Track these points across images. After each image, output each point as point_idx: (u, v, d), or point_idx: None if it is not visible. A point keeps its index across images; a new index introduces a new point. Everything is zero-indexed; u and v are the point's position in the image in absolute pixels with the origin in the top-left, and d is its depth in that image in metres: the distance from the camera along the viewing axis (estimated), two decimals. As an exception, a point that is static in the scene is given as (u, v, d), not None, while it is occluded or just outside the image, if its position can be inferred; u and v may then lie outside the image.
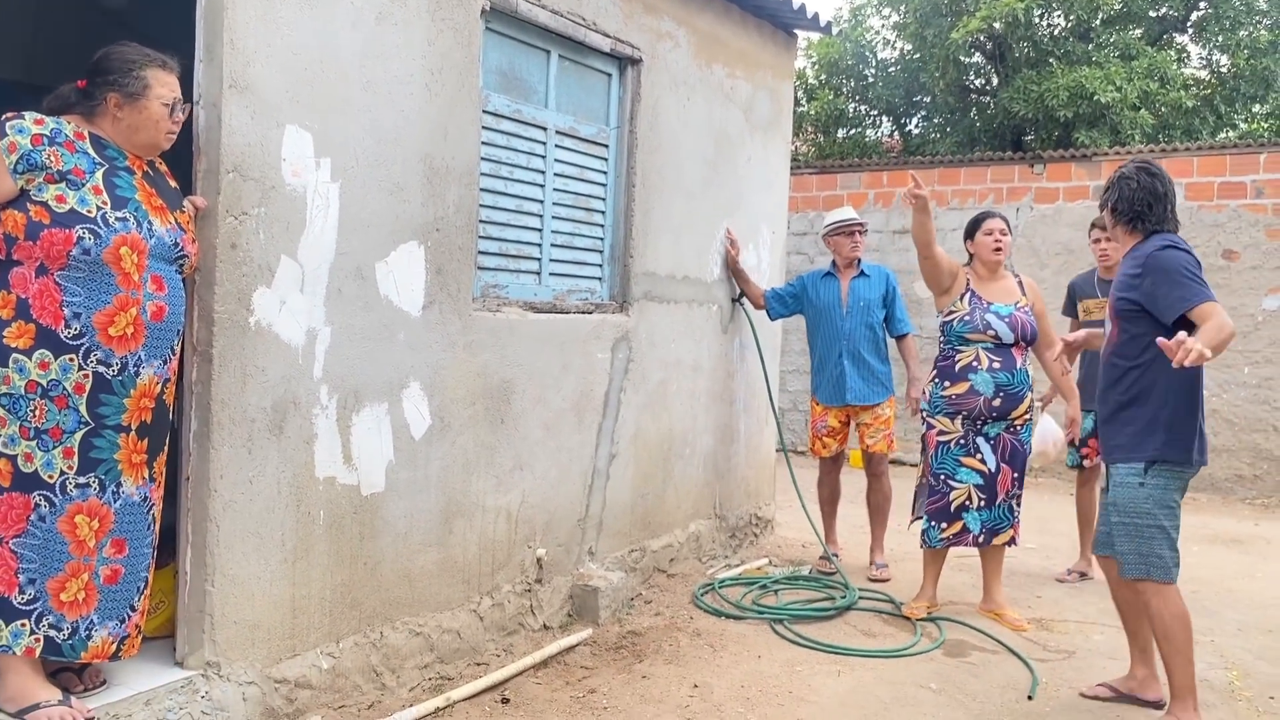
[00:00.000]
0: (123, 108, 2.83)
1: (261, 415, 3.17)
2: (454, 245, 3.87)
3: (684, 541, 5.52)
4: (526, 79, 4.37)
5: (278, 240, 3.19)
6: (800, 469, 6.22)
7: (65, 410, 2.70)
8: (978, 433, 4.69)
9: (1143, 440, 3.55)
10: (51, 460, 2.70)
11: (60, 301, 2.67)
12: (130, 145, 2.87)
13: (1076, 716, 3.75)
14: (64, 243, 2.66)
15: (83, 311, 2.69)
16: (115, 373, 2.76)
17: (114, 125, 2.84)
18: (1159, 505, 3.53)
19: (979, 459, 4.69)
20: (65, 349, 2.69)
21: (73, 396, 2.71)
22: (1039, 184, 9.52)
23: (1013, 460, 4.73)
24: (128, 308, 2.76)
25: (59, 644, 2.73)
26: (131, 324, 2.77)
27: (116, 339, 2.74)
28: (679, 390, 5.38)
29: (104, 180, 2.76)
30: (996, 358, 4.65)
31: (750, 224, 5.98)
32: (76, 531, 2.73)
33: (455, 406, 3.91)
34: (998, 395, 4.63)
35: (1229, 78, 12.69)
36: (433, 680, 3.81)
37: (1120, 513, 3.59)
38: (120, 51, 2.86)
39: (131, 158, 2.87)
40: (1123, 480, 3.60)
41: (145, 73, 2.84)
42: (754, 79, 5.88)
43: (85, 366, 2.71)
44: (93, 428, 2.74)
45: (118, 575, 2.84)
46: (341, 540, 3.48)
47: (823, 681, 4.01)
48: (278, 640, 3.28)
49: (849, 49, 14.14)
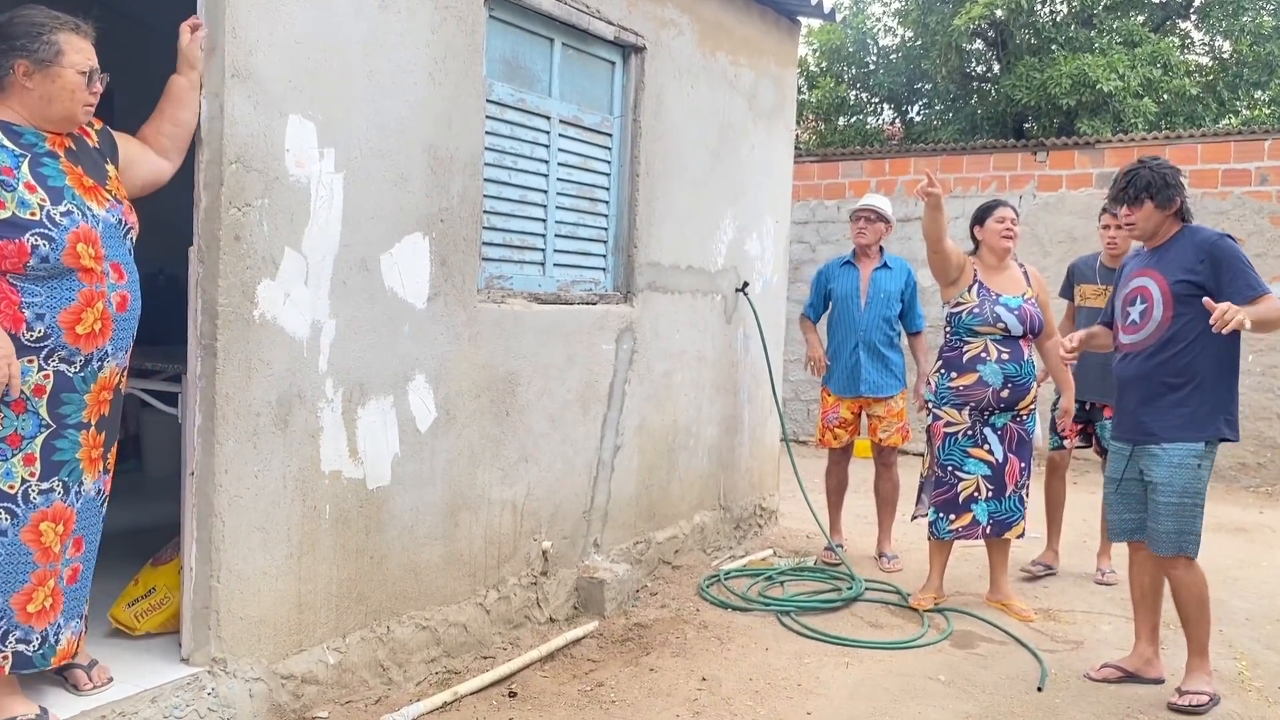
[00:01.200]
0: (32, 76, 2.56)
1: (266, 409, 3.14)
2: (458, 236, 3.83)
3: (689, 533, 5.50)
4: (530, 67, 4.33)
5: (281, 232, 3.15)
6: (803, 459, 6.20)
7: (24, 415, 2.54)
8: (985, 423, 4.66)
9: (1202, 421, 3.67)
10: (10, 470, 2.54)
11: (19, 304, 2.51)
12: (44, 121, 2.62)
13: (1085, 707, 3.74)
14: (17, 254, 2.48)
15: (46, 312, 2.54)
16: (77, 370, 2.62)
17: (22, 99, 2.58)
18: (1205, 483, 3.71)
19: (986, 450, 4.66)
20: (25, 352, 2.52)
21: (31, 400, 2.55)
22: (1042, 171, 9.47)
23: (1020, 450, 4.71)
24: (94, 302, 2.62)
25: (29, 656, 2.62)
26: (99, 319, 2.64)
27: (84, 336, 2.61)
28: (683, 381, 5.35)
29: (31, 173, 2.54)
30: (1005, 349, 4.61)
31: (754, 213, 5.94)
32: (42, 539, 2.60)
33: (460, 399, 3.88)
34: (1006, 386, 4.60)
35: (1232, 64, 12.64)
36: (439, 674, 3.80)
37: (1173, 493, 3.68)
38: (25, 14, 2.59)
39: (50, 137, 2.63)
40: (1180, 461, 3.68)
41: (57, 36, 2.59)
42: (757, 66, 5.83)
43: (46, 367, 2.56)
44: (54, 430, 2.60)
45: (77, 574, 2.74)
46: (347, 534, 3.45)
47: (831, 673, 4.00)
48: (284, 636, 3.25)
49: (850, 36, 14.07)
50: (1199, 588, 3.75)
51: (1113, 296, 4.05)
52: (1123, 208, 3.86)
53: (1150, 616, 4.00)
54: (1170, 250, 3.78)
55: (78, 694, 2.82)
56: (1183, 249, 3.74)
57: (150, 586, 3.30)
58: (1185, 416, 3.67)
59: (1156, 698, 3.83)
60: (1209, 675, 3.80)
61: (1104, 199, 9.18)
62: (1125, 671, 3.99)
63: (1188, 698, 3.73)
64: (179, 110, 2.93)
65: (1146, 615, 4.00)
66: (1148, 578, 3.96)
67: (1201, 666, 3.79)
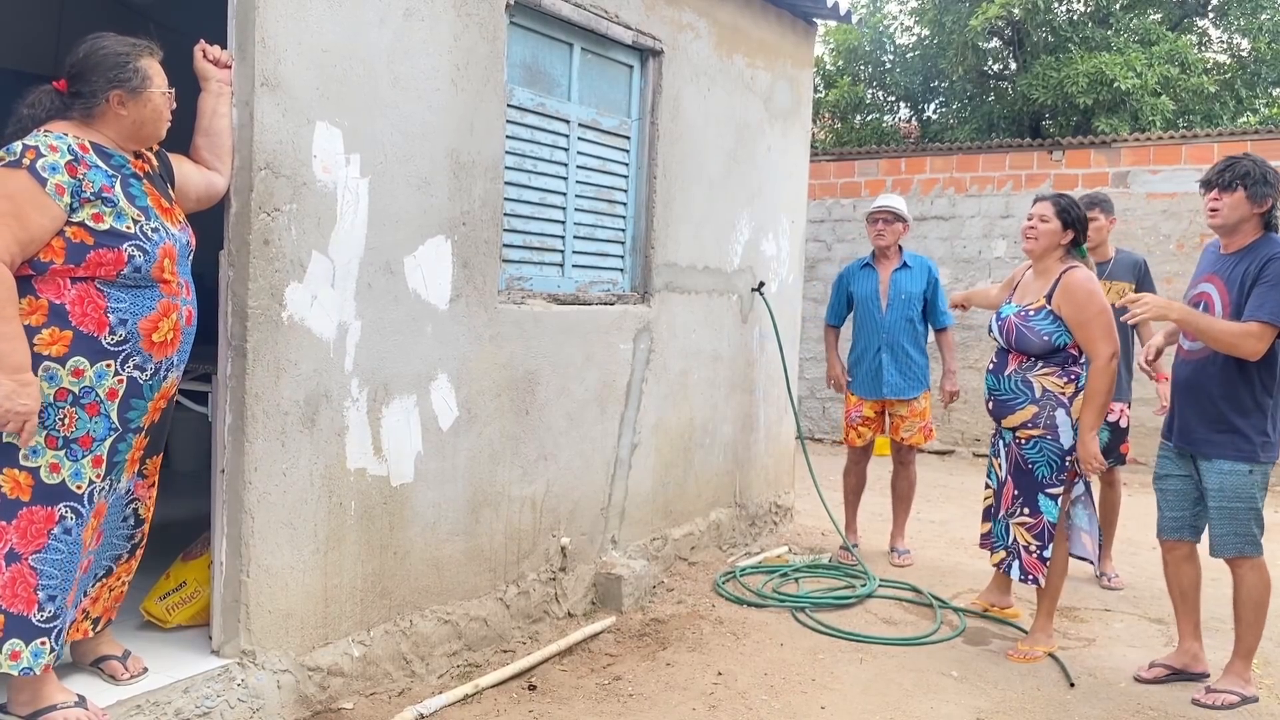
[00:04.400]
0: (126, 104, 2.70)
1: (294, 408, 3.23)
2: (480, 239, 3.91)
3: (705, 530, 5.56)
4: (550, 72, 4.40)
5: (309, 236, 3.24)
6: (817, 456, 6.25)
7: (96, 417, 2.65)
8: (999, 436, 4.43)
9: (1243, 442, 3.68)
10: (80, 470, 2.64)
11: (105, 308, 2.62)
12: (132, 143, 2.77)
13: (1096, 703, 3.79)
14: (114, 263, 2.61)
15: (129, 318, 2.66)
16: (148, 377, 2.74)
17: (116, 125, 2.72)
18: (1260, 489, 3.72)
19: (999, 463, 4.44)
20: (105, 355, 2.63)
21: (105, 403, 2.65)
22: (1058, 170, 9.48)
23: (1016, 475, 4.25)
24: (170, 313, 2.76)
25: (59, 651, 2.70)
26: (172, 329, 2.78)
27: (158, 345, 2.74)
28: (699, 380, 5.41)
29: (123, 192, 2.68)
30: (995, 359, 4.38)
31: (770, 213, 6.00)
32: (86, 534, 2.71)
33: (481, 398, 3.96)
34: (990, 398, 4.35)
35: (1250, 62, 12.59)
36: (461, 668, 3.88)
37: (1223, 498, 3.72)
38: (107, 45, 2.71)
39: (133, 161, 2.77)
40: (1230, 469, 3.71)
41: (141, 63, 2.72)
42: (774, 68, 5.89)
43: (121, 372, 2.67)
44: (120, 433, 2.72)
45: (89, 566, 2.81)
46: (372, 530, 3.54)
47: (845, 669, 4.06)
48: (311, 629, 3.34)
49: (867, 35, 14.09)
50: (1259, 591, 3.75)
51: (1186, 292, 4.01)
52: (1213, 191, 3.71)
53: (1191, 614, 4.00)
54: (1242, 260, 3.69)
55: (114, 684, 2.91)
56: (1251, 260, 3.65)
57: (181, 580, 3.39)
58: (1231, 435, 3.69)
59: (1168, 694, 3.87)
60: (1246, 680, 3.79)
61: (1119, 196, 9.20)
62: (1173, 669, 4.00)
63: (1215, 696, 3.74)
64: (202, 120, 3.03)
65: (1188, 613, 4.00)
66: (1186, 577, 3.97)
67: (1239, 670, 3.80)
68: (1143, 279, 5.28)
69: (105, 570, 2.92)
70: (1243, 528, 3.71)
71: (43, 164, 2.54)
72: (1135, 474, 8.88)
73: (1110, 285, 5.28)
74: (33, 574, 2.59)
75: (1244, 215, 3.69)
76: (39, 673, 2.61)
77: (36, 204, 2.51)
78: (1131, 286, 5.25)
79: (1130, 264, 5.31)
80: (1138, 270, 5.30)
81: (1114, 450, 5.26)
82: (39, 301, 2.56)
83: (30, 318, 2.55)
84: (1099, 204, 5.28)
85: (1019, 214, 9.58)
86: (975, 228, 9.67)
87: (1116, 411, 5.25)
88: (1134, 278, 5.28)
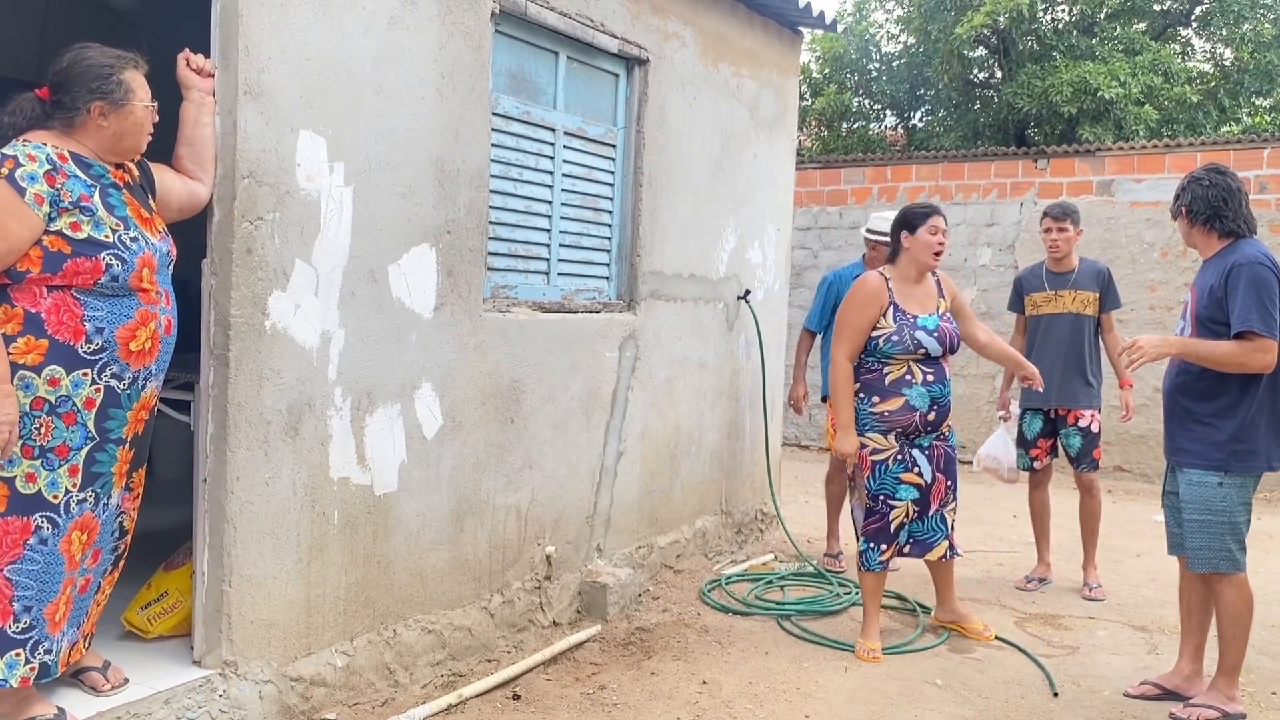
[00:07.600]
0: (108, 116, 2.70)
1: (277, 417, 3.21)
2: (465, 247, 3.90)
3: (691, 538, 5.56)
4: (535, 80, 4.40)
5: (292, 244, 3.23)
6: (803, 463, 6.25)
7: (73, 426, 2.64)
8: (911, 445, 4.36)
9: (1211, 451, 3.64)
10: (56, 480, 2.63)
11: (81, 316, 2.61)
12: (113, 154, 2.76)
13: (1080, 712, 3.80)
14: (92, 272, 2.61)
15: (105, 326, 2.65)
16: (125, 386, 2.73)
17: (96, 136, 2.71)
18: (1236, 504, 3.65)
19: (916, 472, 4.36)
20: (81, 364, 2.63)
21: (82, 412, 2.64)
22: (1043, 179, 9.54)
23: (947, 469, 4.42)
24: (148, 322, 2.75)
25: (49, 665, 2.69)
26: (150, 338, 2.77)
27: (135, 354, 2.73)
28: (685, 388, 5.42)
29: (102, 202, 2.67)
30: (929, 370, 4.33)
31: (756, 221, 6.01)
32: (70, 548, 2.68)
33: (466, 406, 3.96)
34: (932, 409, 4.33)
35: (1233, 71, 12.69)
36: (445, 677, 3.86)
37: (1194, 509, 3.68)
38: (91, 56, 2.70)
39: (113, 171, 2.76)
40: (1198, 480, 3.67)
41: (124, 76, 2.72)
42: (760, 77, 5.91)
43: (98, 381, 2.66)
44: (98, 442, 2.70)
45: (88, 584, 2.81)
46: (355, 540, 3.53)
47: (830, 677, 4.06)
48: (293, 639, 3.32)
49: (853, 43, 14.15)
50: (1238, 608, 3.67)
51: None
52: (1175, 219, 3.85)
53: (1194, 634, 3.91)
54: (1209, 268, 3.72)
55: (95, 695, 2.89)
56: (1217, 270, 3.65)
57: (163, 590, 3.37)
58: (1198, 443, 3.66)
59: (1153, 706, 3.87)
60: (1229, 697, 3.69)
61: (1104, 205, 9.27)
62: (1164, 689, 3.92)
63: (1194, 711, 3.68)
64: (184, 129, 3.02)
65: (1191, 632, 3.92)
66: (1194, 595, 3.89)
67: (1223, 686, 3.71)
68: (1106, 288, 5.34)
69: (97, 588, 2.90)
70: (1216, 542, 3.64)
71: (21, 173, 2.54)
72: (1120, 481, 8.93)
73: (1075, 294, 5.33)
74: (7, 585, 2.58)
75: (1196, 236, 3.79)
76: (15, 684, 2.59)
77: (15, 213, 2.51)
78: (1096, 295, 5.31)
79: (1094, 273, 5.36)
80: (1101, 279, 5.35)
81: (1086, 456, 5.31)
82: (14, 310, 2.56)
83: (5, 326, 2.55)
84: (1070, 214, 5.35)
85: (1004, 222, 9.64)
86: (961, 235, 9.70)
87: (1087, 417, 5.29)
88: (1098, 286, 5.33)
